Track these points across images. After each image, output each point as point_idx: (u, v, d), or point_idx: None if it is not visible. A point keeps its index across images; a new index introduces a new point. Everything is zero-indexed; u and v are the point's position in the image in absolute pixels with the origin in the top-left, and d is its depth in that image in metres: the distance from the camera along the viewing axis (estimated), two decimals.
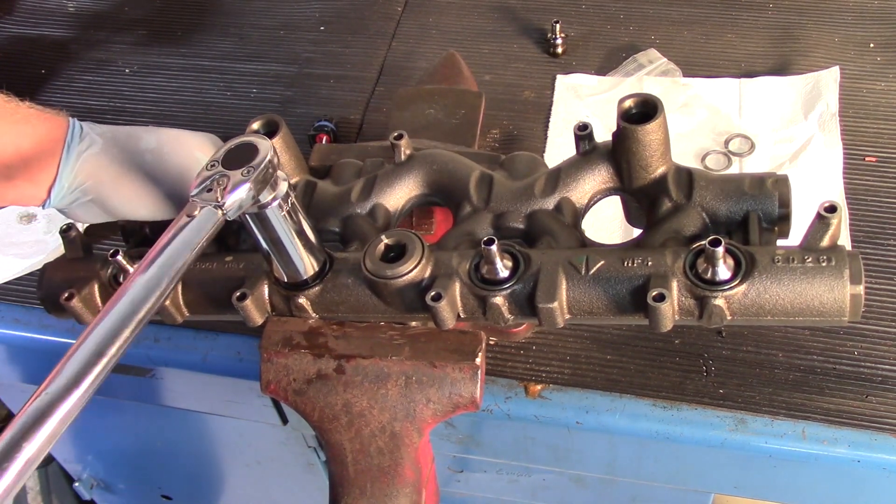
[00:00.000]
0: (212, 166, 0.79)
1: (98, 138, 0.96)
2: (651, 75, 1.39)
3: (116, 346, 0.70)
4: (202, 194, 0.77)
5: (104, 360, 0.69)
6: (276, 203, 0.80)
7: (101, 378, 0.68)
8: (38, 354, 1.28)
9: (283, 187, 0.81)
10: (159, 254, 0.75)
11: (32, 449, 0.64)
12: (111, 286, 0.94)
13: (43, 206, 0.96)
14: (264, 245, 0.85)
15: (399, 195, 0.99)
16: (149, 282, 0.73)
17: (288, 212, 0.82)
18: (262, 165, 0.77)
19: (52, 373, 0.68)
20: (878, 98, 1.32)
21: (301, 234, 0.85)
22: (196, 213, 0.77)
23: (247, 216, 0.81)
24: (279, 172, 0.80)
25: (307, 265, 0.87)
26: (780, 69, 1.38)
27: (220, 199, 0.76)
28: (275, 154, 0.79)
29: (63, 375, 0.67)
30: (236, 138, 0.80)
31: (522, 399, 1.07)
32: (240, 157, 0.78)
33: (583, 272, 0.82)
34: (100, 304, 0.94)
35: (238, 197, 0.76)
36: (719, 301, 0.78)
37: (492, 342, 1.10)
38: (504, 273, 0.83)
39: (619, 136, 0.88)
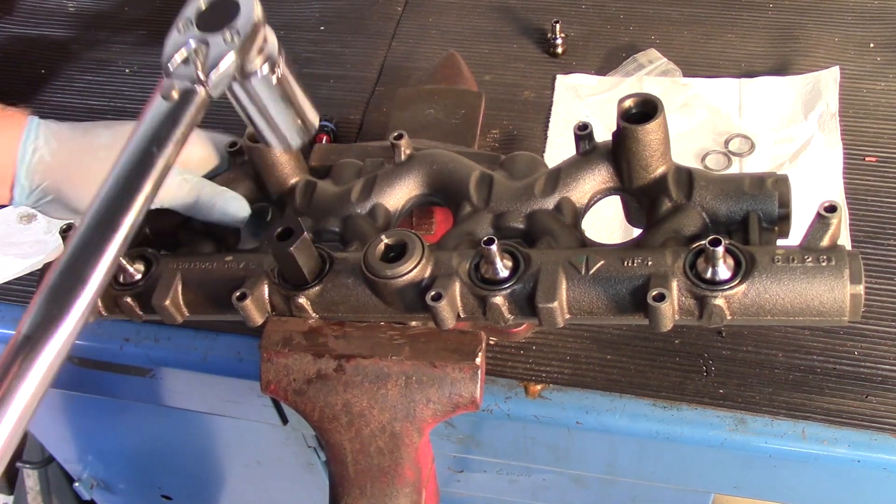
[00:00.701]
0: (185, 28, 0.65)
1: (52, 139, 0.93)
2: (651, 75, 1.39)
3: (105, 263, 0.61)
4: (179, 69, 0.64)
5: (88, 288, 0.60)
6: (266, 68, 0.68)
7: (84, 313, 0.60)
8: None
9: (272, 47, 0.68)
10: (135, 149, 0.63)
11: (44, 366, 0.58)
12: (111, 286, 0.94)
13: (13, 204, 0.95)
14: (254, 118, 0.74)
15: (399, 195, 0.99)
16: (128, 181, 0.62)
17: (280, 76, 0.71)
18: (249, 25, 0.64)
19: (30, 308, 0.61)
20: (878, 98, 1.32)
21: (294, 97, 0.74)
22: (174, 93, 0.64)
23: (232, 88, 0.70)
24: (266, 28, 0.67)
25: (302, 131, 0.78)
26: (780, 69, 1.38)
27: (202, 75, 0.64)
28: (261, 8, 0.66)
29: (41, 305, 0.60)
30: None
31: (522, 399, 1.07)
32: (218, 16, 0.65)
33: (583, 272, 0.82)
34: (100, 304, 0.94)
35: (223, 69, 0.64)
36: (719, 301, 0.78)
37: (492, 342, 1.10)
38: (504, 273, 0.83)
39: (619, 135, 0.88)
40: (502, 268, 0.83)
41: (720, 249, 0.76)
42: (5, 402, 0.57)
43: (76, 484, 1.80)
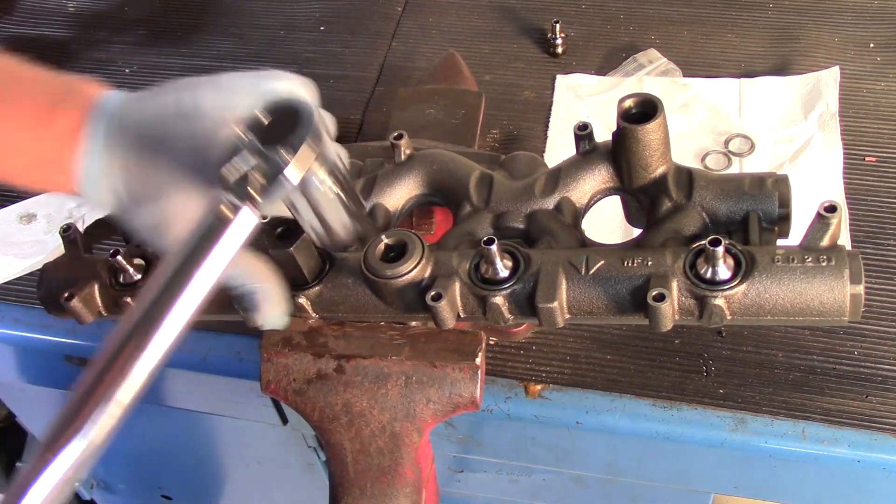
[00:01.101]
0: (243, 135, 0.63)
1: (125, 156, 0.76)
2: (651, 75, 1.39)
3: (123, 398, 0.62)
4: (236, 186, 0.61)
5: (101, 417, 0.61)
6: (322, 174, 0.66)
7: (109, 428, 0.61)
8: (38, 354, 1.28)
9: (331, 150, 0.65)
10: (170, 271, 0.61)
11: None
12: (111, 286, 0.94)
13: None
14: (305, 217, 0.71)
15: (399, 195, 0.99)
16: (157, 303, 0.60)
17: (336, 177, 0.68)
18: (310, 138, 0.61)
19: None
20: (878, 98, 1.32)
21: (349, 193, 0.72)
22: (228, 213, 0.62)
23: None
24: (325, 133, 0.64)
25: (355, 226, 0.75)
26: (780, 69, 1.38)
27: (258, 198, 0.61)
28: (321, 116, 0.63)
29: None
30: (269, 94, 0.65)
31: (522, 399, 1.07)
32: (278, 127, 0.62)
33: (583, 272, 0.82)
34: (100, 303, 0.94)
35: (279, 194, 0.62)
36: (719, 301, 0.78)
37: (492, 342, 1.10)
38: (504, 273, 0.83)
39: (619, 135, 0.88)
40: (502, 268, 0.83)
41: (720, 249, 0.76)
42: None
43: (76, 484, 1.80)
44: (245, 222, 0.63)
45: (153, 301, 0.62)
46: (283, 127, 0.62)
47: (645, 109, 0.87)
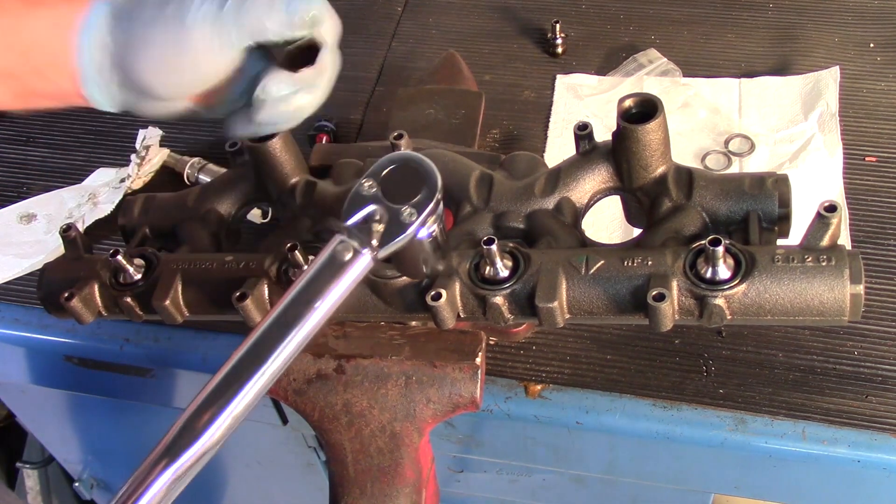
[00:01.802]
0: (369, 188, 0.70)
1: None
2: (651, 75, 1.39)
3: (241, 402, 0.69)
4: (359, 228, 0.68)
5: (219, 422, 0.68)
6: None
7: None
8: (38, 354, 1.28)
9: (441, 207, 0.72)
10: (293, 300, 0.69)
11: None
12: (111, 286, 0.94)
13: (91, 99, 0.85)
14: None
15: None
16: (277, 328, 0.68)
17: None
18: (431, 204, 0.69)
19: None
20: (878, 98, 1.32)
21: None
22: (348, 256, 0.69)
23: None
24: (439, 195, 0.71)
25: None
26: (780, 69, 1.38)
27: (375, 244, 0.68)
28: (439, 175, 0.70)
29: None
30: (401, 154, 0.71)
31: (522, 399, 1.07)
32: (403, 184, 0.70)
33: (583, 272, 0.82)
34: (100, 304, 0.94)
35: (397, 245, 0.69)
36: (719, 301, 0.78)
37: (492, 342, 1.10)
38: (504, 273, 0.83)
39: (619, 135, 0.88)
40: (502, 268, 0.83)
41: (720, 249, 0.76)
42: None
43: (76, 484, 1.80)
44: (362, 265, 0.69)
45: (274, 323, 0.69)
46: (403, 178, 0.69)
47: (645, 109, 0.87)
